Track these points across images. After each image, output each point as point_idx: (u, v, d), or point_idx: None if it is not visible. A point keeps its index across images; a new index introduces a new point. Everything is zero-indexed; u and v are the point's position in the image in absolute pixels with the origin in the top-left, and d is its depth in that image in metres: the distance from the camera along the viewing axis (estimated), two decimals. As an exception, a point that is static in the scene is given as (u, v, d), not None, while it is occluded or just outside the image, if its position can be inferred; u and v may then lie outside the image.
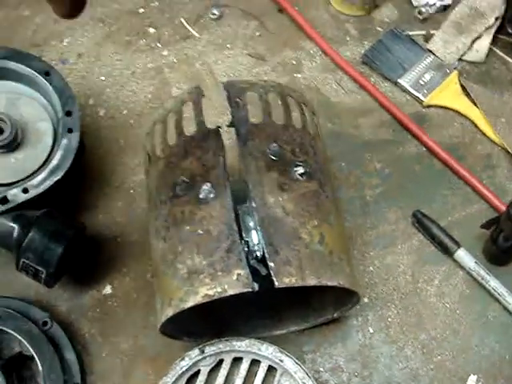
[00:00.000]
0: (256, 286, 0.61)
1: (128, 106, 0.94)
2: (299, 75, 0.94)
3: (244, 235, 0.64)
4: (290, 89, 0.75)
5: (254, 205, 0.65)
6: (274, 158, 0.68)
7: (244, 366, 0.77)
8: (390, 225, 0.85)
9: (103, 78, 0.96)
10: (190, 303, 0.63)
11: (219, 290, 0.62)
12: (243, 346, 0.76)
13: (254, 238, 0.64)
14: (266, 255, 0.62)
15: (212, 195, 0.66)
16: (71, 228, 0.80)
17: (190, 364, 0.76)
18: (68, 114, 0.82)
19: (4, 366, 0.77)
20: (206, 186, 0.66)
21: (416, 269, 0.82)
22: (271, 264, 0.62)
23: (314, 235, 0.66)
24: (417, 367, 0.78)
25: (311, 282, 0.62)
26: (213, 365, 0.77)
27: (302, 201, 0.67)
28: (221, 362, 0.77)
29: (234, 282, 0.61)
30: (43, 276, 0.78)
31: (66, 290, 0.84)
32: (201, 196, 0.66)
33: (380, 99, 0.91)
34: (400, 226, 0.85)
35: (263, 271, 0.62)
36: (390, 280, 0.82)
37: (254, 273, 0.62)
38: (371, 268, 0.82)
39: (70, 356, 0.80)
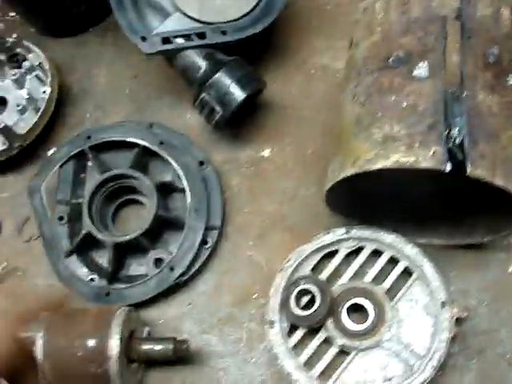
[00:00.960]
0: (449, 166, 0.61)
1: (328, -6, 0.95)
2: None
3: (448, 119, 0.64)
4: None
5: (464, 94, 0.64)
6: (491, 60, 0.68)
7: (382, 259, 0.77)
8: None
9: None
10: (378, 165, 0.64)
11: (412, 159, 0.62)
12: (389, 239, 0.76)
13: (457, 124, 0.64)
14: (466, 143, 0.62)
15: (426, 74, 0.66)
16: (257, 81, 0.82)
17: (333, 240, 0.77)
18: (281, -23, 0.84)
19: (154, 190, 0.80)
20: (423, 64, 0.66)
21: None
22: (469, 152, 0.62)
23: (512, 143, 0.65)
24: (547, 317, 0.77)
25: (499, 182, 0.62)
26: (352, 249, 0.78)
27: (508, 107, 0.66)
28: (360, 249, 0.78)
29: (430, 157, 0.62)
30: (217, 117, 0.80)
31: (226, 140, 0.87)
32: (414, 72, 0.66)
33: None
34: None
35: (460, 156, 0.62)
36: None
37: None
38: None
39: (216, 200, 0.83)
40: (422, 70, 0.66)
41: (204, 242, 0.80)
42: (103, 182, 0.81)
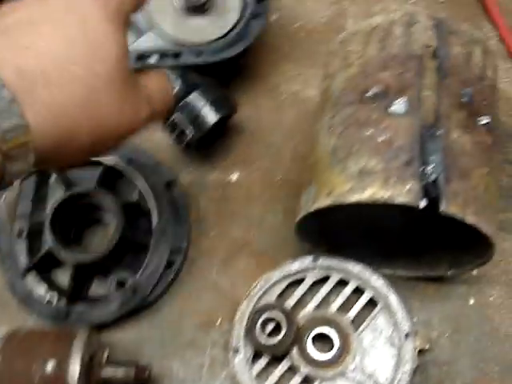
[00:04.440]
0: (423, 203, 0.62)
1: (301, 21, 0.95)
2: (470, 52, 0.95)
3: (423, 156, 0.65)
4: (490, 49, 0.76)
5: (439, 132, 0.66)
6: (465, 101, 0.69)
7: (348, 289, 0.77)
8: (517, 214, 0.86)
9: (285, -15, 0.98)
10: (353, 199, 0.64)
11: (388, 194, 0.63)
12: (355, 270, 0.77)
13: (432, 162, 0.65)
14: (440, 181, 0.63)
15: (403, 110, 0.67)
16: (230, 104, 0.82)
17: (300, 269, 0.77)
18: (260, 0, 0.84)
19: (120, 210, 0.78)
20: (400, 100, 0.67)
21: (530, 262, 0.83)
22: (443, 190, 0.63)
23: (481, 182, 0.67)
24: (505, 351, 0.78)
25: (471, 220, 0.63)
26: (319, 278, 0.78)
27: (478, 148, 0.68)
28: (326, 278, 0.78)
29: (405, 193, 0.62)
30: (187, 138, 0.79)
31: (194, 163, 0.86)
32: (392, 108, 0.67)
33: (544, 98, 0.92)
34: (527, 218, 0.85)
35: (434, 193, 0.63)
36: (501, 263, 0.82)
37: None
38: (488, 247, 0.83)
39: (183, 223, 0.82)
40: (399, 106, 0.67)
41: (169, 264, 0.79)
42: (67, 200, 0.79)
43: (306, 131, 0.86)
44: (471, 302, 0.81)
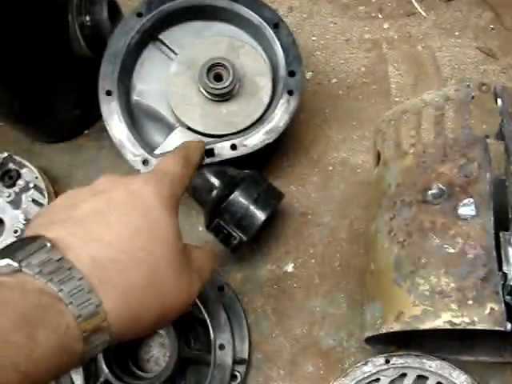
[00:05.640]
0: (509, 326, 0.55)
1: (338, 75, 0.87)
2: (532, 84, 0.86)
3: (502, 268, 0.57)
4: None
5: (519, 234, 0.58)
6: (540, 184, 0.61)
7: (428, 386, 0.71)
8: None
9: (314, 38, 0.89)
10: (428, 325, 0.58)
11: (467, 320, 0.56)
12: (433, 366, 0.71)
13: (512, 273, 0.57)
14: (527, 294, 0.56)
15: (472, 212, 0.59)
16: (275, 196, 0.75)
17: (372, 372, 0.71)
18: (291, 74, 0.76)
19: (174, 325, 0.73)
20: (467, 201, 0.60)
21: None
22: (530, 305, 0.55)
23: None
24: None
25: None
26: (395, 377, 0.72)
27: None
28: (403, 375, 0.72)
29: (486, 317, 0.55)
30: (235, 242, 0.73)
31: (244, 258, 0.80)
32: (459, 210, 0.60)
33: None
34: None
35: (519, 312, 0.56)
36: None
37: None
38: None
39: (241, 328, 0.77)
40: (467, 207, 0.59)
41: (232, 377, 0.74)
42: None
43: (360, 206, 0.79)
44: None
